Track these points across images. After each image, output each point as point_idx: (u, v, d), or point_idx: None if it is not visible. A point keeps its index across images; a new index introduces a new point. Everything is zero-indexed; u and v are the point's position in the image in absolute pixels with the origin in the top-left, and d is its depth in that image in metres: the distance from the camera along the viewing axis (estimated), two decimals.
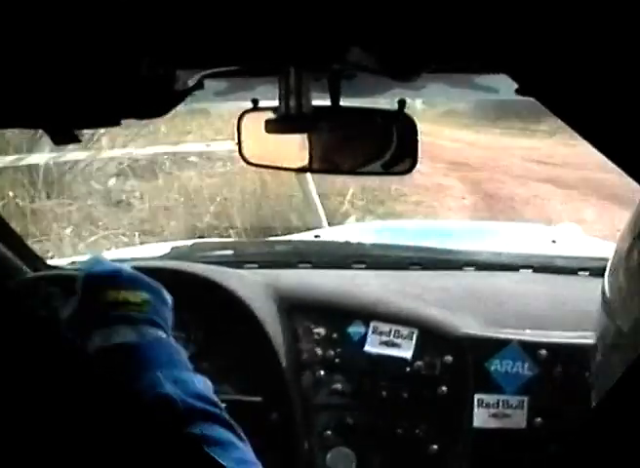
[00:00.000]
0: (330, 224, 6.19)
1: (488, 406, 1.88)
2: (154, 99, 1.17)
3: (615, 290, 1.04)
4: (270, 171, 4.66)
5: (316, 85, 1.19)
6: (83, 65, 0.99)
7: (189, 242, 2.61)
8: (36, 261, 2.12)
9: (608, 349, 1.04)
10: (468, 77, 1.23)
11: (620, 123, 0.74)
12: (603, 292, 1.07)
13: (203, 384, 1.23)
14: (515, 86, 0.96)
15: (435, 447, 1.93)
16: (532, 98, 0.81)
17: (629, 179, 0.70)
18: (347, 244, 2.45)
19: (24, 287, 1.85)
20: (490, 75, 1.15)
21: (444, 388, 1.92)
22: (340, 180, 6.96)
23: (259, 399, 1.91)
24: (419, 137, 1.44)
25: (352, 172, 1.94)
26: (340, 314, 2.01)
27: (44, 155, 7.03)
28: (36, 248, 2.36)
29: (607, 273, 1.09)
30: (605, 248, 3.33)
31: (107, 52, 0.97)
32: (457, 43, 0.86)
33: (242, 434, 1.19)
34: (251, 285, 2.06)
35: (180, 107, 1.25)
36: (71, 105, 1.10)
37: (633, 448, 0.80)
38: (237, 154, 1.58)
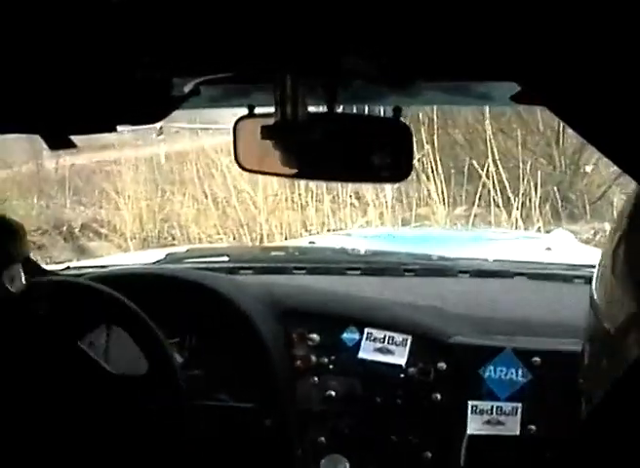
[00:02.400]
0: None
1: (482, 412, 1.88)
2: (150, 106, 1.18)
3: (602, 293, 1.04)
4: None
5: (312, 92, 1.19)
6: (79, 72, 1.00)
7: (184, 248, 2.61)
8: (32, 267, 2.11)
9: (597, 352, 1.04)
10: (465, 84, 1.23)
11: (620, 124, 0.74)
12: (591, 296, 1.08)
13: None
14: (510, 94, 0.96)
15: (429, 453, 1.92)
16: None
17: None
18: (342, 250, 2.46)
19: (21, 293, 1.84)
20: (487, 83, 1.15)
21: (438, 395, 1.92)
22: None
23: (252, 405, 1.91)
24: (413, 144, 1.44)
25: (348, 178, 1.94)
26: (334, 320, 2.01)
27: None
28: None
29: (594, 277, 1.10)
30: (598, 255, 3.33)
31: (103, 59, 0.98)
32: (454, 50, 0.86)
33: None
34: (245, 291, 2.06)
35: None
36: (67, 111, 1.10)
37: (626, 454, 0.81)
38: None
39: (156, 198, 7.34)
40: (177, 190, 7.34)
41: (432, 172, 6.39)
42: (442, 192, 6.38)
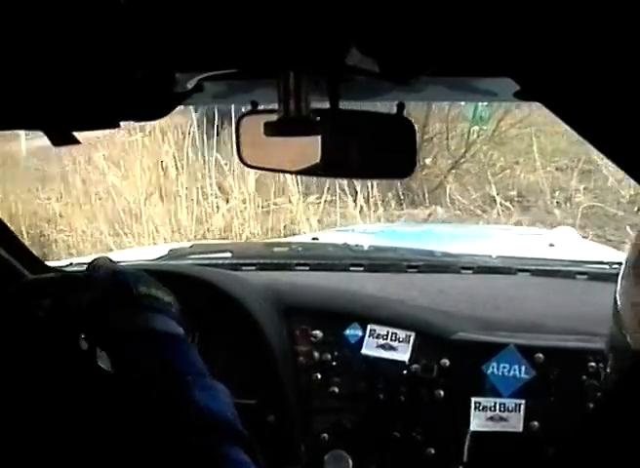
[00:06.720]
0: None
1: (485, 409, 1.88)
2: (153, 102, 1.18)
3: (626, 304, 1.03)
4: None
5: (315, 88, 1.19)
6: (82, 67, 1.00)
7: (187, 244, 2.60)
8: (35, 263, 2.11)
9: (619, 363, 1.03)
10: (468, 80, 1.23)
11: (620, 124, 0.74)
12: (615, 302, 1.06)
13: (228, 396, 1.21)
14: (514, 90, 0.96)
15: (432, 450, 1.92)
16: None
17: None
18: (345, 246, 2.46)
19: (24, 289, 1.84)
20: (490, 79, 1.15)
21: (441, 391, 1.92)
22: None
23: (255, 401, 1.91)
24: (417, 140, 1.44)
25: (351, 175, 1.94)
26: (337, 317, 2.01)
27: None
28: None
29: (619, 282, 1.08)
30: (602, 252, 3.33)
31: (107, 55, 0.98)
32: (457, 46, 0.86)
33: (260, 459, 1.16)
34: (248, 287, 2.06)
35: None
36: (70, 107, 1.10)
37: (629, 451, 0.81)
38: None
39: (26, 192, 7.61)
40: (47, 184, 7.66)
41: None
42: (296, 182, 7.07)
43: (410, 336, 1.94)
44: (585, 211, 6.85)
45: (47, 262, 2.25)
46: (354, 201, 6.93)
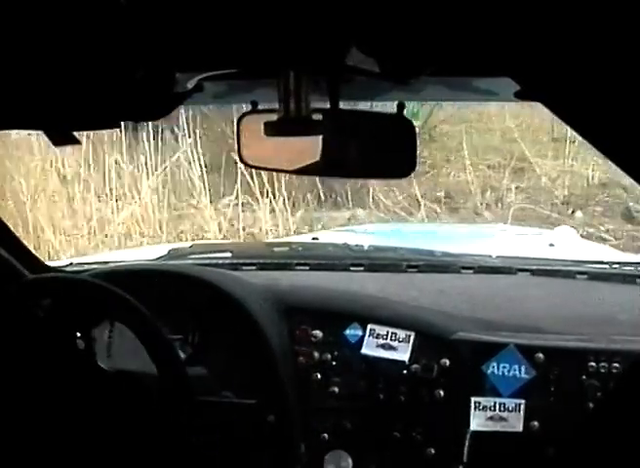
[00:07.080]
0: None
1: (485, 409, 1.88)
2: (154, 102, 1.18)
3: None
4: None
5: (315, 88, 1.19)
6: (83, 67, 1.00)
7: (187, 244, 2.60)
8: (35, 263, 2.12)
9: None
10: (468, 80, 1.23)
11: (620, 124, 0.74)
12: None
13: None
14: (514, 90, 0.96)
15: (432, 450, 1.92)
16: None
17: None
18: (345, 246, 2.46)
19: (24, 289, 1.85)
20: (491, 79, 1.15)
21: (441, 391, 1.92)
22: None
23: (255, 401, 1.91)
24: (417, 140, 1.44)
25: (351, 174, 1.94)
26: (337, 317, 2.01)
27: None
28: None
29: None
30: (602, 252, 3.33)
31: (107, 55, 0.98)
32: (457, 46, 0.86)
33: None
34: (248, 287, 2.06)
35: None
36: (71, 107, 1.10)
37: (628, 450, 0.81)
38: None
39: None
40: None
41: (194, 162, 6.76)
42: (206, 183, 6.74)
43: (410, 336, 1.94)
44: (517, 212, 6.54)
45: (47, 262, 2.26)
46: (270, 202, 6.57)
